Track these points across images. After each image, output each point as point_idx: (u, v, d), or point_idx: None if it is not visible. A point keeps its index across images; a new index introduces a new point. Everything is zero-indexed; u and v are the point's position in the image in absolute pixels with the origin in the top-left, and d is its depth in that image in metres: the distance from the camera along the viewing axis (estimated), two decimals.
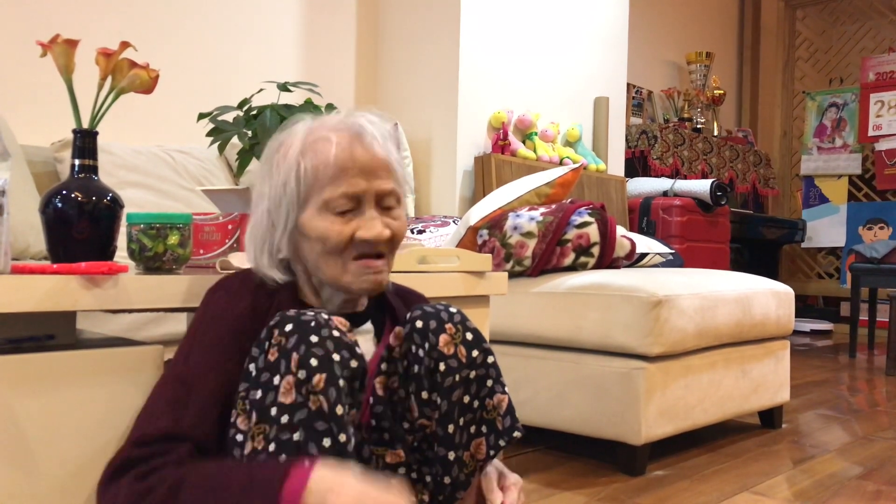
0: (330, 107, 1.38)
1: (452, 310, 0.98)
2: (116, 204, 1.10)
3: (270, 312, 0.95)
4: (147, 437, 0.86)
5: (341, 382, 0.85)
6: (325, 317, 0.88)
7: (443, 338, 0.94)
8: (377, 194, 0.94)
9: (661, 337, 1.78)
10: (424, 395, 0.94)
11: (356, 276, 0.94)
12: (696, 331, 1.87)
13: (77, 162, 1.10)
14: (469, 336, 0.96)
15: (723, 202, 3.72)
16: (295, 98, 1.65)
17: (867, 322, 4.49)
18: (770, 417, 2.31)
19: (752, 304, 2.10)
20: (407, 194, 1.02)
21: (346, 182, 0.93)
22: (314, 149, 0.94)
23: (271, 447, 0.82)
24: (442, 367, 0.93)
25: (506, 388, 0.98)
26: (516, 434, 0.97)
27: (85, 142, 1.10)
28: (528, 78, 3.22)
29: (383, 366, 0.96)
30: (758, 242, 4.94)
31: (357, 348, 0.89)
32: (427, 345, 0.94)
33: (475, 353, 0.96)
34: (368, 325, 1.02)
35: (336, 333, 0.87)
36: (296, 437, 0.82)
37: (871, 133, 5.23)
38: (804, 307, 5.51)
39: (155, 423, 0.87)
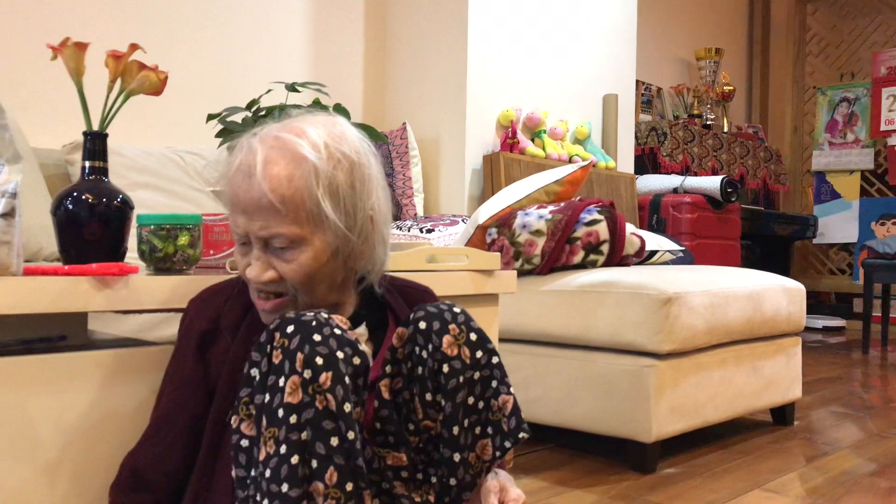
0: (338, 107, 1.38)
1: (456, 310, 0.97)
2: (127, 205, 1.11)
3: (246, 323, 0.96)
4: (123, 468, 0.96)
5: (347, 380, 0.85)
6: (325, 316, 0.88)
7: (446, 339, 0.93)
8: (257, 237, 0.91)
9: (671, 334, 1.77)
10: (428, 396, 0.94)
11: (256, 304, 0.96)
12: (706, 328, 1.87)
13: (87, 164, 1.11)
14: (473, 337, 0.95)
15: (733, 199, 3.70)
16: (303, 98, 1.66)
17: (880, 318, 4.46)
18: (782, 414, 2.30)
19: (763, 300, 2.09)
20: (321, 224, 0.91)
21: (233, 218, 0.92)
22: (227, 173, 0.94)
23: (282, 449, 0.82)
24: (446, 368, 0.92)
25: (511, 389, 0.97)
26: (522, 435, 0.96)
27: (95, 144, 1.11)
28: (536, 76, 3.21)
29: (387, 368, 0.96)
30: (769, 239, 4.91)
31: (359, 345, 0.89)
32: (430, 346, 0.93)
33: (479, 353, 0.95)
34: (362, 329, 1.02)
35: (338, 331, 0.87)
36: (304, 436, 0.82)
37: (883, 128, 5.19)
38: (816, 304, 5.48)
39: (131, 455, 0.96)
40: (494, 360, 0.96)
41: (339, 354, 0.85)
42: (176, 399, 0.95)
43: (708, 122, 4.74)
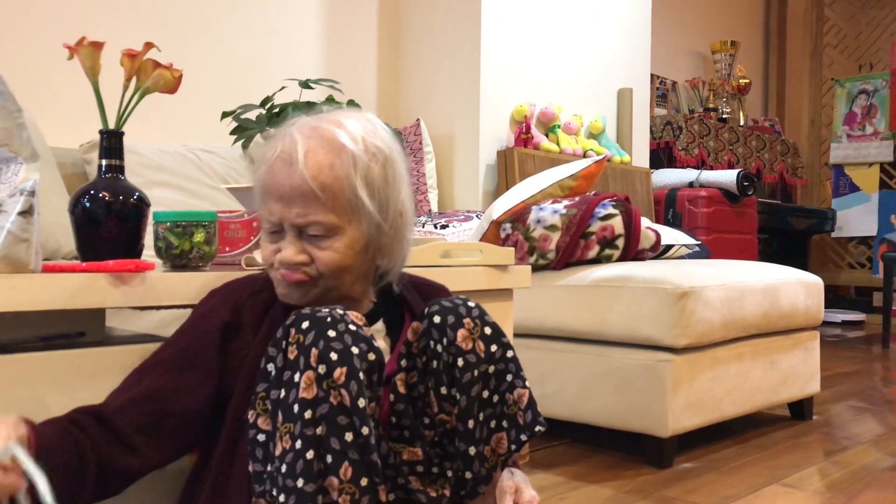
0: (351, 103, 1.39)
1: (471, 304, 0.97)
2: (143, 203, 1.12)
3: (268, 320, 0.96)
4: (86, 407, 0.89)
5: (361, 375, 0.85)
6: (341, 312, 0.89)
7: (461, 333, 0.93)
8: (293, 224, 0.92)
9: (687, 329, 1.76)
10: (443, 390, 0.94)
11: (276, 283, 0.96)
12: (722, 322, 1.86)
13: (104, 162, 1.12)
14: (488, 331, 0.95)
15: (750, 192, 3.67)
16: (317, 95, 1.66)
17: None
18: (800, 409, 2.29)
19: (780, 294, 2.07)
20: (359, 214, 0.93)
21: (266, 206, 0.94)
22: (258, 164, 0.96)
23: (297, 444, 0.82)
24: (460, 362, 0.93)
25: (526, 383, 0.97)
26: (538, 428, 0.96)
27: (111, 142, 1.12)
28: (550, 70, 3.20)
29: (403, 362, 0.96)
30: (786, 233, 4.87)
31: (374, 341, 0.89)
32: (445, 340, 0.93)
33: (494, 347, 0.95)
34: (379, 325, 1.03)
35: (353, 327, 0.87)
36: (318, 431, 0.82)
37: None
38: (835, 298, 5.42)
39: (105, 401, 0.91)
40: (509, 353, 0.96)
41: (354, 350, 0.85)
42: (181, 381, 0.92)
43: (724, 116, 4.70)
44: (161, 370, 0.93)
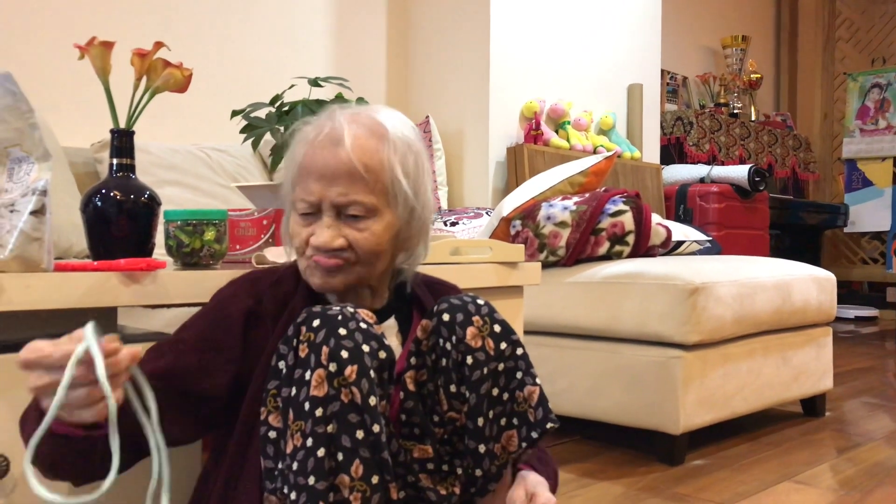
0: (360, 100, 1.39)
1: (480, 301, 0.96)
2: (154, 201, 1.12)
3: (288, 312, 0.96)
4: None
5: (372, 373, 0.85)
6: (352, 310, 0.89)
7: (470, 330, 0.93)
8: (333, 204, 0.92)
9: (698, 325, 1.76)
10: (453, 388, 0.93)
11: (310, 271, 0.95)
12: (734, 318, 1.85)
13: (115, 161, 1.12)
14: (497, 328, 0.95)
15: (761, 188, 3.65)
16: (326, 93, 1.66)
17: None
18: (813, 406, 2.27)
19: (792, 290, 2.06)
20: (397, 198, 0.94)
21: (305, 186, 0.93)
22: (296, 146, 0.96)
23: (308, 442, 0.82)
24: (470, 360, 0.92)
25: (537, 380, 0.97)
26: (549, 426, 0.95)
27: (122, 141, 1.13)
28: (559, 66, 3.19)
29: (412, 360, 0.96)
30: (799, 228, 4.84)
31: (384, 339, 0.89)
32: (454, 338, 0.93)
33: (503, 345, 0.94)
34: (391, 321, 1.03)
35: (363, 325, 0.87)
36: (329, 429, 0.83)
37: None
38: (848, 293, 5.39)
39: None
40: (519, 351, 0.96)
41: (365, 348, 0.85)
42: (204, 361, 0.91)
43: (735, 111, 4.67)
44: (183, 349, 0.92)
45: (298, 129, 0.99)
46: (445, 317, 0.94)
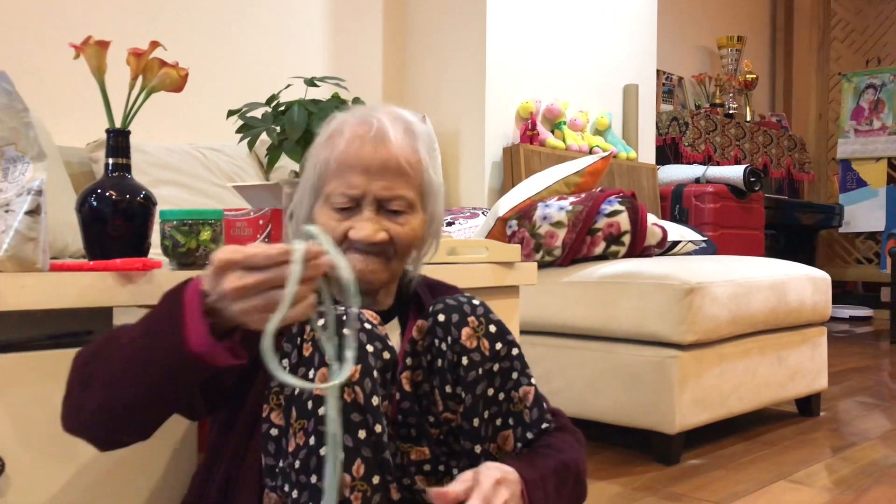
0: (357, 100, 1.39)
1: (475, 302, 0.96)
2: (149, 201, 1.12)
3: None
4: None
5: (375, 374, 0.85)
6: (356, 310, 0.89)
7: (465, 331, 0.93)
8: (377, 198, 0.93)
9: (694, 325, 1.76)
10: (448, 389, 0.93)
11: (357, 265, 0.94)
12: (729, 318, 1.85)
13: (111, 161, 1.12)
14: (492, 329, 0.95)
15: (757, 188, 3.66)
16: (322, 93, 1.66)
17: None
18: (808, 405, 2.28)
19: (787, 290, 2.07)
20: (429, 196, 0.99)
21: (346, 180, 0.93)
22: (332, 140, 0.96)
23: (311, 440, 0.82)
24: (465, 360, 0.92)
25: (532, 380, 0.97)
26: (545, 426, 0.95)
27: (118, 141, 1.12)
28: (555, 67, 3.20)
29: (408, 360, 0.96)
30: (794, 228, 4.85)
31: (388, 340, 0.89)
32: (450, 339, 0.93)
33: (499, 345, 0.94)
34: (395, 323, 1.03)
35: (368, 326, 0.87)
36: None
37: None
38: (843, 293, 5.40)
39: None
40: (514, 351, 0.96)
41: (369, 348, 0.86)
42: None
43: (730, 112, 4.68)
44: None
45: (329, 123, 0.99)
46: (441, 317, 0.94)
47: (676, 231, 2.37)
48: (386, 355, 0.88)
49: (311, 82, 1.45)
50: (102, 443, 0.85)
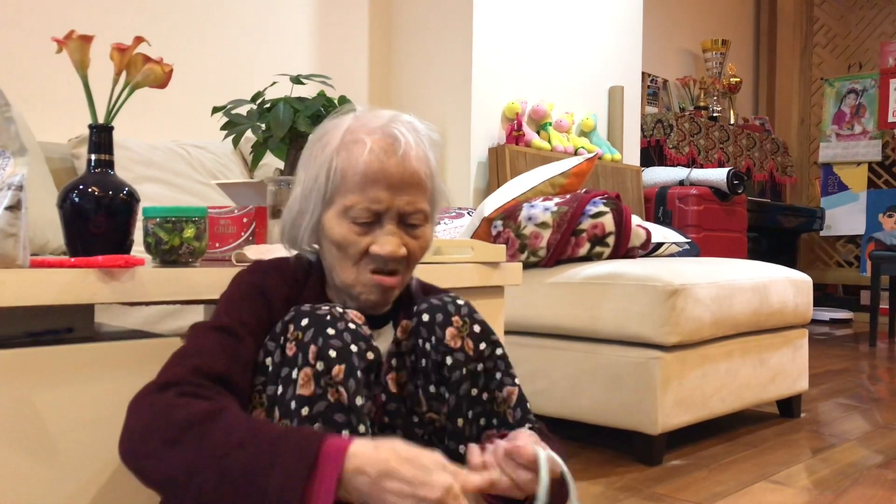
0: (343, 99, 1.38)
1: (460, 302, 0.96)
2: (132, 198, 1.11)
3: (299, 301, 0.95)
4: (205, 371, 0.83)
5: (359, 374, 0.85)
6: (340, 310, 0.88)
7: (449, 331, 0.93)
8: (399, 212, 0.93)
9: (677, 326, 1.77)
10: (432, 389, 0.93)
11: (366, 287, 0.93)
12: (712, 320, 1.86)
13: (93, 157, 1.11)
14: (476, 329, 0.95)
15: (740, 191, 3.69)
16: (308, 91, 1.65)
17: (888, 310, 4.44)
18: (789, 406, 2.30)
19: (770, 292, 2.08)
20: (437, 204, 0.99)
21: (369, 194, 0.91)
22: (349, 149, 0.92)
23: None
24: (449, 360, 0.92)
25: (516, 380, 0.97)
26: (528, 426, 0.96)
27: (101, 137, 1.11)
28: (542, 68, 3.20)
29: (393, 361, 0.96)
30: (776, 231, 4.89)
31: (373, 340, 0.89)
32: (434, 339, 0.93)
33: (483, 345, 0.94)
34: (389, 327, 1.02)
35: (352, 326, 0.87)
36: (315, 428, 0.82)
37: (891, 119, 5.16)
38: (823, 296, 5.46)
39: (212, 362, 0.84)
40: (498, 351, 0.96)
41: (353, 348, 0.85)
42: (256, 345, 0.90)
43: (714, 115, 4.72)
44: (247, 339, 0.89)
45: (329, 127, 0.96)
46: (425, 317, 0.94)
47: (660, 233, 2.38)
48: (370, 356, 0.87)
49: (296, 80, 1.44)
50: (148, 486, 0.81)
